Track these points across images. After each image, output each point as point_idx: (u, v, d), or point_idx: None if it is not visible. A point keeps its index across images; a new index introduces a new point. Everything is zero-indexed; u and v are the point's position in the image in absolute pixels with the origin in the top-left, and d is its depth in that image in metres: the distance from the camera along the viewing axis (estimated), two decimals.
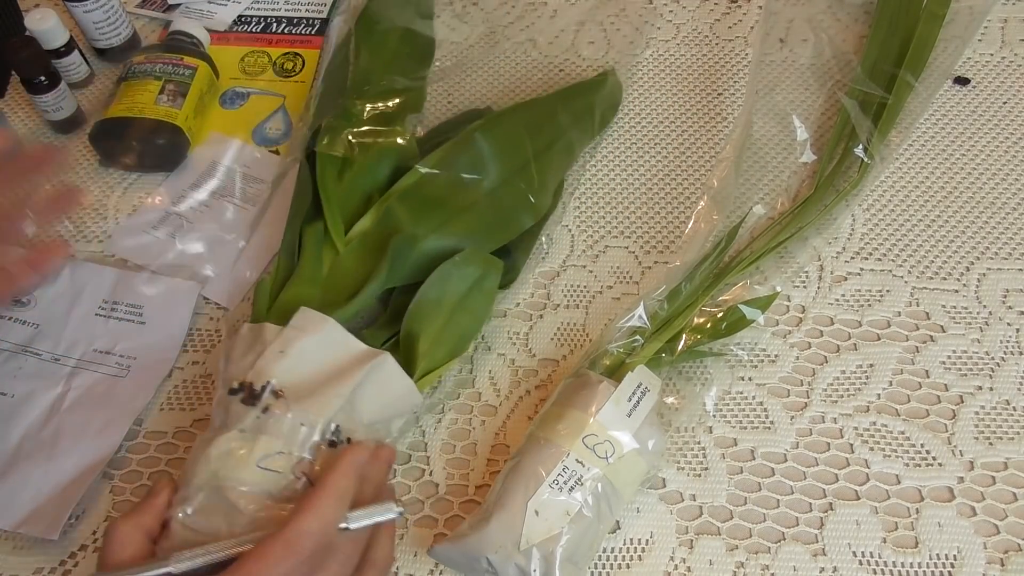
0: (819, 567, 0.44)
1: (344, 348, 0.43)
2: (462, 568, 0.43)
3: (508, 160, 0.53)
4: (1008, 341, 0.51)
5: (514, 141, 0.54)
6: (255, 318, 0.45)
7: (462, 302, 0.48)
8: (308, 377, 0.41)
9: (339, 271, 0.48)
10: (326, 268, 0.48)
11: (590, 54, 0.67)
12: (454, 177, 0.51)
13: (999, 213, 0.56)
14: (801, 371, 0.50)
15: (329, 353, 0.42)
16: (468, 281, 0.49)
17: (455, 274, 0.48)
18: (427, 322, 0.47)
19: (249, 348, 0.42)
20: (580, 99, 0.59)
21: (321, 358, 0.42)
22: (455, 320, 0.48)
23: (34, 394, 0.50)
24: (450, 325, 0.48)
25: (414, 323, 0.47)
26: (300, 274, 0.47)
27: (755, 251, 0.52)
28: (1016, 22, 0.66)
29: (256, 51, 0.69)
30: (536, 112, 0.57)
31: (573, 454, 0.41)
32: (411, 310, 0.47)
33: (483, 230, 0.51)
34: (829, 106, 0.62)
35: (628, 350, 0.47)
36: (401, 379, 0.44)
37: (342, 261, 0.48)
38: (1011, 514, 0.45)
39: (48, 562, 0.46)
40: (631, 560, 0.45)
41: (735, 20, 0.69)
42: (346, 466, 0.37)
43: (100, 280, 0.55)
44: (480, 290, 0.49)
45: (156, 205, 0.59)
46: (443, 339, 0.47)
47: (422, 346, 0.46)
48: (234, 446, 0.39)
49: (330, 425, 0.40)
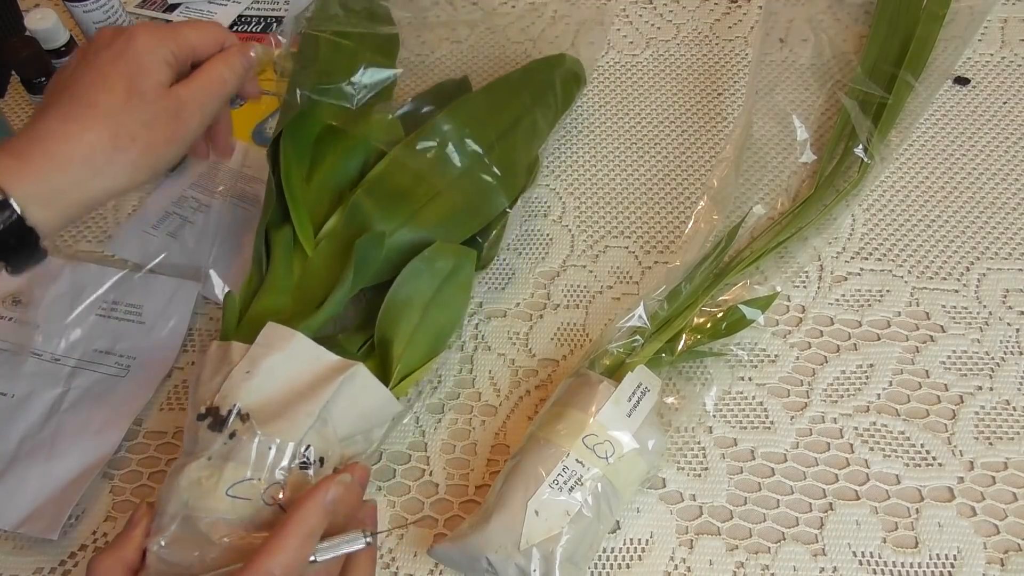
0: (819, 567, 0.44)
1: (315, 362, 0.41)
2: (462, 568, 0.42)
3: (473, 144, 0.51)
4: (1008, 341, 0.51)
5: (478, 124, 0.52)
6: (223, 335, 0.44)
7: (436, 298, 0.47)
8: (277, 397, 0.39)
9: (309, 276, 0.46)
10: (296, 275, 0.46)
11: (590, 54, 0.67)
12: (420, 166, 0.49)
13: (999, 213, 0.56)
14: (801, 371, 0.50)
15: (298, 369, 0.40)
16: (440, 276, 0.47)
17: (425, 270, 0.46)
18: (400, 324, 0.45)
19: (216, 369, 0.41)
20: (539, 75, 0.58)
21: (290, 375, 0.40)
22: (430, 318, 0.46)
23: (34, 394, 0.50)
24: (425, 324, 0.46)
25: (386, 327, 0.45)
26: (269, 284, 0.46)
27: (755, 251, 0.52)
28: (1016, 22, 0.66)
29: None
30: (497, 93, 0.55)
31: (573, 454, 0.41)
32: (382, 314, 0.45)
33: (454, 218, 0.49)
34: (829, 106, 0.62)
35: (628, 350, 0.47)
36: (376, 389, 0.42)
37: (311, 265, 0.46)
38: (1011, 514, 0.45)
39: (48, 562, 0.46)
40: (631, 560, 0.45)
41: (735, 20, 0.69)
42: (315, 504, 0.36)
43: (100, 280, 0.55)
44: (454, 283, 0.47)
45: (156, 205, 0.59)
46: (419, 339, 0.46)
47: (396, 350, 0.45)
48: (203, 475, 0.38)
49: (301, 447, 0.39)
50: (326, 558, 0.36)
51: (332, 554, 0.36)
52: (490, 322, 0.53)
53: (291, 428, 0.39)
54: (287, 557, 0.34)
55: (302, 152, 0.50)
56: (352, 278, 0.45)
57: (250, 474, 0.38)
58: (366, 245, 0.45)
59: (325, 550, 0.36)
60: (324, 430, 0.40)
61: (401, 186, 0.49)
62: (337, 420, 0.40)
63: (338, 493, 0.37)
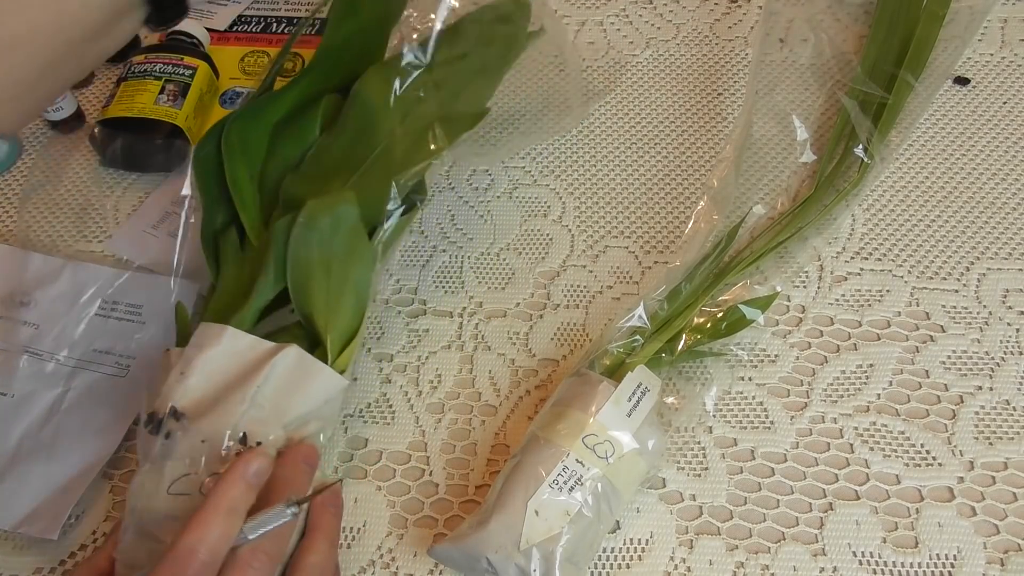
0: (819, 567, 0.44)
1: (250, 352, 0.40)
2: (462, 568, 0.43)
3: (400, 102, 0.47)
4: (1008, 341, 0.51)
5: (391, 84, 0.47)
6: (178, 344, 0.43)
7: (333, 256, 0.44)
8: (211, 392, 0.39)
9: (256, 274, 0.44)
10: (247, 275, 0.45)
11: (590, 54, 0.67)
12: (348, 137, 0.47)
13: (999, 213, 0.56)
14: (801, 371, 0.50)
15: (234, 362, 0.40)
16: (326, 234, 0.44)
17: (310, 236, 0.44)
18: (311, 296, 0.43)
19: (161, 378, 0.41)
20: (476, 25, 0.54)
21: (224, 368, 0.40)
22: (338, 277, 0.44)
23: (34, 394, 0.50)
24: (335, 283, 0.44)
25: (302, 304, 0.43)
26: (221, 288, 0.45)
27: (755, 251, 0.52)
28: (1016, 22, 0.66)
29: (256, 51, 0.69)
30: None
31: (573, 454, 0.41)
32: (292, 294, 0.43)
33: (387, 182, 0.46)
34: (829, 106, 0.62)
35: (628, 350, 0.47)
36: (312, 365, 0.41)
37: (256, 262, 0.45)
38: (1011, 514, 0.45)
39: (48, 562, 0.46)
40: (631, 560, 0.45)
41: (735, 20, 0.69)
42: (233, 475, 0.35)
43: (100, 280, 0.55)
44: (343, 234, 0.44)
45: (156, 205, 0.59)
46: (338, 303, 0.44)
47: (320, 320, 0.43)
48: (146, 479, 0.38)
49: (238, 434, 0.38)
50: (256, 535, 0.35)
51: (260, 530, 0.35)
52: (490, 322, 0.53)
53: (223, 417, 0.38)
54: (208, 531, 0.33)
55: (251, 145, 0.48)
56: (273, 264, 0.43)
57: (187, 468, 0.38)
58: (284, 226, 0.43)
59: (253, 527, 0.35)
60: (260, 414, 0.39)
61: (330, 164, 0.47)
62: (276, 403, 0.40)
63: (261, 465, 0.36)
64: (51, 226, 0.60)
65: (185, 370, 0.39)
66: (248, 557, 0.34)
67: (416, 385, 0.51)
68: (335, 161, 0.48)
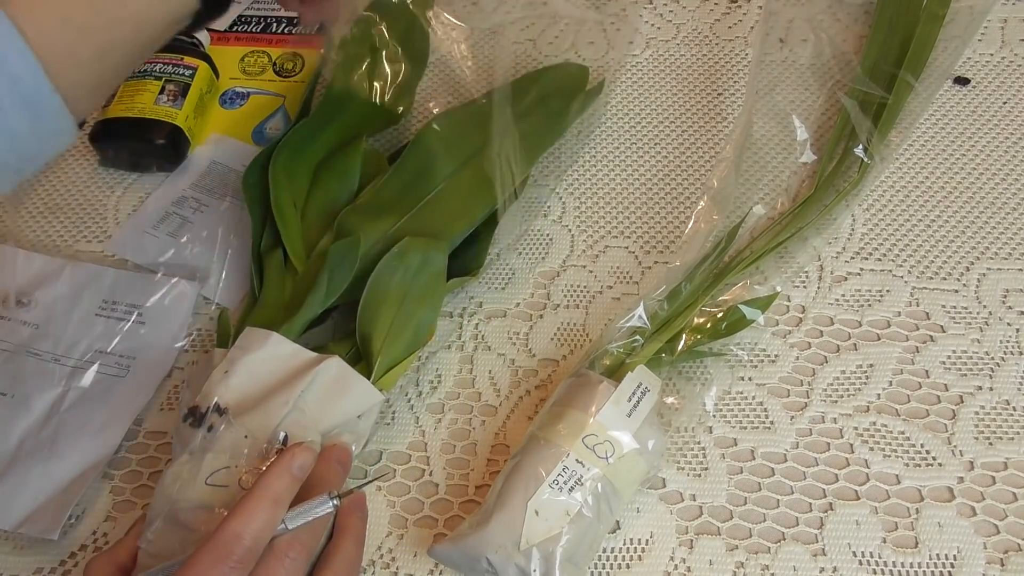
0: (819, 567, 0.44)
1: (292, 359, 0.43)
2: (462, 568, 0.43)
3: (459, 151, 0.52)
4: (1008, 341, 0.51)
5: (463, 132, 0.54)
6: None
7: (410, 292, 0.48)
8: (254, 392, 0.41)
9: (300, 291, 0.48)
10: (288, 293, 0.48)
11: (590, 54, 0.67)
12: (405, 178, 0.51)
13: (999, 213, 0.56)
14: (801, 371, 0.50)
15: (276, 366, 0.42)
16: (411, 270, 0.48)
17: (397, 267, 0.48)
18: (377, 320, 0.46)
19: (201, 376, 0.43)
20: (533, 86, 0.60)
21: (267, 372, 0.42)
22: (406, 311, 0.47)
23: (34, 394, 0.50)
24: (401, 317, 0.47)
25: (365, 323, 0.46)
26: (263, 301, 0.48)
27: (755, 251, 0.52)
28: (1016, 22, 0.66)
29: (256, 51, 0.69)
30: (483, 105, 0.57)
31: (573, 454, 0.41)
32: (360, 312, 0.46)
33: (437, 226, 0.50)
34: (829, 106, 0.62)
35: (628, 350, 0.47)
36: (354, 379, 0.43)
37: (302, 281, 0.48)
38: (1011, 514, 0.45)
39: (48, 562, 0.46)
40: (631, 560, 0.45)
41: (735, 20, 0.69)
42: (279, 468, 0.36)
43: (100, 280, 0.55)
44: (426, 275, 0.48)
45: (156, 205, 0.59)
46: (397, 333, 0.47)
47: (376, 344, 0.46)
48: (184, 469, 0.39)
49: (278, 434, 0.40)
50: (297, 524, 0.36)
51: (301, 520, 0.36)
52: (490, 322, 0.53)
53: (267, 416, 0.40)
54: (254, 519, 0.34)
55: (297, 177, 0.52)
56: (327, 281, 0.46)
57: (227, 462, 0.39)
58: (341, 249, 0.47)
59: (295, 517, 0.36)
60: (301, 419, 0.41)
61: (386, 201, 0.51)
62: (316, 410, 0.42)
63: (306, 459, 0.37)
64: (51, 226, 0.60)
65: (229, 369, 0.42)
66: (285, 547, 0.36)
67: (416, 385, 0.51)
68: (391, 201, 0.51)
